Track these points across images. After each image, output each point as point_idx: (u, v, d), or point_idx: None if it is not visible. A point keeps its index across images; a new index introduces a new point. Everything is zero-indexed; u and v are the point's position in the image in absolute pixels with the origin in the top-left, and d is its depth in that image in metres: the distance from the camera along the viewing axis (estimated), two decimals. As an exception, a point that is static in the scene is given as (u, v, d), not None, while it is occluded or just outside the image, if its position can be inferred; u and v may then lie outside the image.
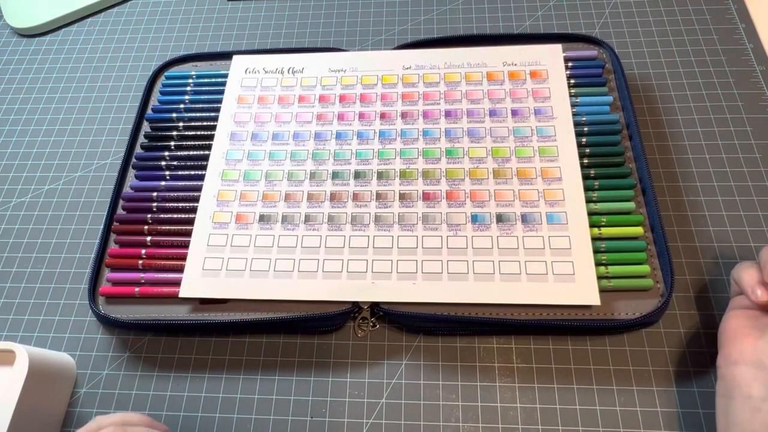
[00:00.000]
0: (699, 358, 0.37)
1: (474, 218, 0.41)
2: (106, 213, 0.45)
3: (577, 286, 0.37)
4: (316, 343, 0.40)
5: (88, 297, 0.41)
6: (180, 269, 0.41)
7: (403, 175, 0.43)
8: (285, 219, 0.42)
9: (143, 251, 0.43)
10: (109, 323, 0.41)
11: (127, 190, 0.46)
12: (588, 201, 0.41)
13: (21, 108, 0.54)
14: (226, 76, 0.51)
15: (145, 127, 0.50)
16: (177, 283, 0.41)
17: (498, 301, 0.38)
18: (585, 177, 0.42)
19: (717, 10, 0.52)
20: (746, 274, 0.32)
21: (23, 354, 0.35)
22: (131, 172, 0.47)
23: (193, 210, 0.44)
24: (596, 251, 0.39)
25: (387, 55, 0.50)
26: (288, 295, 0.39)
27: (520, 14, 0.54)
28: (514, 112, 0.45)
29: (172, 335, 0.41)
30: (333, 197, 0.43)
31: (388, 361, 0.39)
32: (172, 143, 0.48)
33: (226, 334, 0.41)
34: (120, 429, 0.30)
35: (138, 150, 0.48)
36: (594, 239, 0.40)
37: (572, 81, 0.47)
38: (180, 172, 0.46)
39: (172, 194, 0.45)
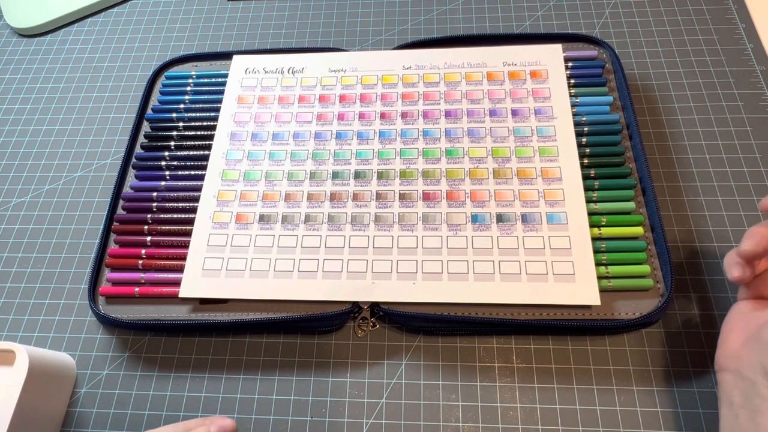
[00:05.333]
0: (699, 358, 0.37)
1: (474, 218, 0.41)
2: (106, 213, 0.45)
3: (577, 286, 0.37)
4: (316, 343, 0.40)
5: (88, 297, 0.41)
6: (180, 269, 0.41)
7: (403, 175, 0.43)
8: (285, 219, 0.42)
9: (143, 251, 0.43)
10: (109, 323, 0.41)
11: (127, 190, 0.46)
12: (588, 201, 0.41)
13: (21, 108, 0.54)
14: (226, 76, 0.51)
15: (145, 127, 0.50)
16: (177, 283, 0.41)
17: (498, 301, 0.38)
18: (585, 177, 0.42)
19: (717, 10, 0.52)
20: (727, 258, 0.32)
21: (23, 354, 0.35)
22: (131, 172, 0.47)
23: (193, 210, 0.44)
24: (596, 251, 0.39)
25: (387, 55, 0.50)
26: (288, 295, 0.39)
27: (520, 14, 0.54)
28: (514, 112, 0.45)
29: (172, 335, 0.41)
30: (333, 197, 0.43)
31: (388, 361, 0.39)
32: (172, 143, 0.48)
33: (226, 334, 0.41)
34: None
35: (138, 150, 0.48)
36: (594, 239, 0.40)
37: (572, 81, 0.47)
38: (180, 172, 0.46)
39: (172, 194, 0.45)
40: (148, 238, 0.43)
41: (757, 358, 0.29)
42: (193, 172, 0.46)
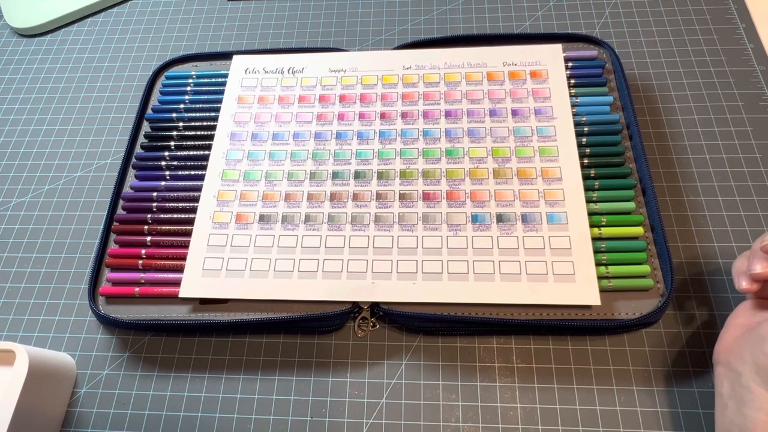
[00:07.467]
0: (699, 358, 0.37)
1: (474, 218, 0.41)
2: (106, 213, 0.45)
3: (577, 286, 0.37)
4: (316, 343, 0.40)
5: (88, 297, 0.41)
6: (180, 269, 0.41)
7: (403, 175, 0.43)
8: (285, 219, 0.42)
9: (143, 251, 0.43)
10: (109, 323, 0.41)
11: (127, 190, 0.46)
12: (588, 201, 0.41)
13: (21, 108, 0.54)
14: (226, 76, 0.51)
15: (145, 127, 0.50)
16: (177, 283, 0.41)
17: (498, 301, 0.38)
18: (585, 177, 0.42)
19: (717, 10, 0.52)
20: (737, 263, 0.33)
21: (23, 354, 0.35)
22: (131, 172, 0.47)
23: (193, 210, 0.44)
24: (596, 251, 0.39)
25: (387, 55, 0.50)
26: (288, 295, 0.39)
27: (520, 14, 0.55)
28: (515, 112, 0.45)
29: (172, 335, 0.41)
30: (333, 197, 0.43)
31: (388, 361, 0.39)
32: (172, 143, 0.48)
33: (226, 334, 0.41)
34: None
35: (138, 150, 0.48)
36: (594, 239, 0.40)
37: (572, 81, 0.47)
38: (180, 172, 0.46)
39: (172, 194, 0.45)
40: (148, 238, 0.43)
41: (748, 350, 0.30)
42: (193, 172, 0.46)
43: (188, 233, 0.43)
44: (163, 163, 0.47)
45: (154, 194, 0.45)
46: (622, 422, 0.35)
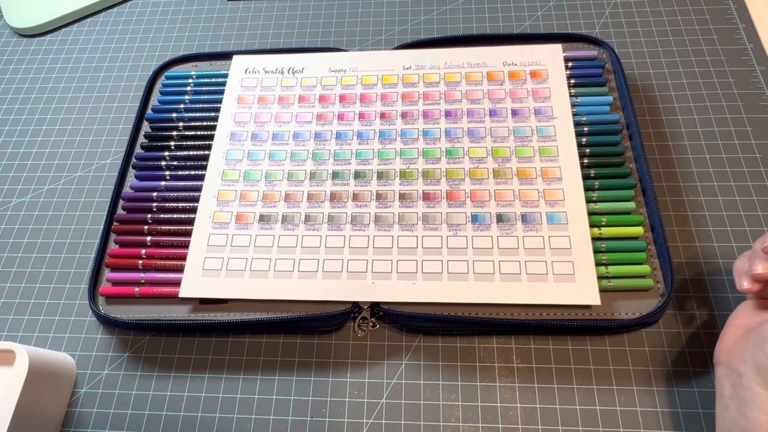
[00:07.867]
0: (699, 358, 0.37)
1: (474, 218, 0.41)
2: (106, 213, 0.45)
3: (577, 286, 0.37)
4: (316, 343, 0.40)
5: (88, 297, 0.41)
6: (180, 269, 0.41)
7: (403, 175, 0.43)
8: (285, 219, 0.42)
9: (143, 251, 0.43)
10: (109, 323, 0.41)
11: (127, 190, 0.46)
12: (588, 201, 0.41)
13: (21, 108, 0.54)
14: (226, 76, 0.51)
15: (145, 127, 0.50)
16: (177, 283, 0.41)
17: (498, 301, 0.38)
18: (585, 177, 0.42)
19: (717, 10, 0.52)
20: (738, 263, 0.33)
21: (23, 354, 0.35)
22: (131, 172, 0.47)
23: (193, 210, 0.44)
24: (596, 251, 0.39)
25: (387, 55, 0.50)
26: (288, 295, 0.39)
27: (520, 14, 0.55)
28: (514, 112, 0.45)
29: (172, 335, 0.41)
30: (333, 197, 0.43)
31: (388, 361, 0.39)
32: (172, 143, 0.48)
33: (226, 334, 0.41)
34: None
35: (138, 150, 0.48)
36: (594, 239, 0.40)
37: (572, 81, 0.47)
38: (180, 172, 0.46)
39: (172, 194, 0.45)
40: (148, 238, 0.43)
41: (749, 351, 0.30)
42: (193, 172, 0.46)
43: (188, 233, 0.43)
44: (163, 163, 0.47)
45: (154, 194, 0.45)
46: (622, 422, 0.35)
